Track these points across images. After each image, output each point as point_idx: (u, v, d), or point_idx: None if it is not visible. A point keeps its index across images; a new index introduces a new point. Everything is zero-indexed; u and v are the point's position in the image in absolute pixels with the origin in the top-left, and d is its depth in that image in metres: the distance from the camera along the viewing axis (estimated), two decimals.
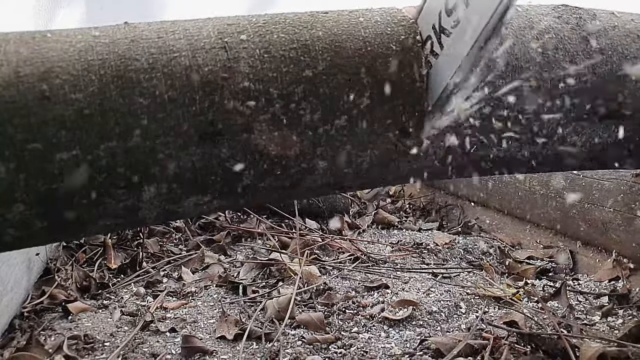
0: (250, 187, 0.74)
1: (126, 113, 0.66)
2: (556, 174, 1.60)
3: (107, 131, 0.66)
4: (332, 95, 0.72)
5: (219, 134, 0.69)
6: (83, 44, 0.68)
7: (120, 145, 0.67)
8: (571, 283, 1.45)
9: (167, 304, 1.32)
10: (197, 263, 1.61)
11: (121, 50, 0.68)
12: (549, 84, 0.79)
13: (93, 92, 0.66)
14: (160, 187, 0.70)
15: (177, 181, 0.71)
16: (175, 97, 0.68)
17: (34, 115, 0.64)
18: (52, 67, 0.65)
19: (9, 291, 1.11)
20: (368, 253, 1.63)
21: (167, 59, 0.69)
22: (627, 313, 1.24)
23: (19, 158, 0.64)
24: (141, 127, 0.67)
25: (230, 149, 0.70)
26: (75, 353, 1.07)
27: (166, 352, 1.08)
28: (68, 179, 0.66)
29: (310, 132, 0.72)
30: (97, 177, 0.67)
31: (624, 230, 1.36)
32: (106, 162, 0.67)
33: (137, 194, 0.70)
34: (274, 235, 1.74)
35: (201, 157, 0.70)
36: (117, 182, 0.68)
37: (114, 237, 1.72)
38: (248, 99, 0.69)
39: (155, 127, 0.67)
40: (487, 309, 1.26)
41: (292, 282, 1.39)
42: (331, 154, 0.74)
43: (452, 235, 1.86)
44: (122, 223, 0.75)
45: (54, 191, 0.66)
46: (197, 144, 0.69)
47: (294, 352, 1.08)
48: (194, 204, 0.74)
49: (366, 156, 0.76)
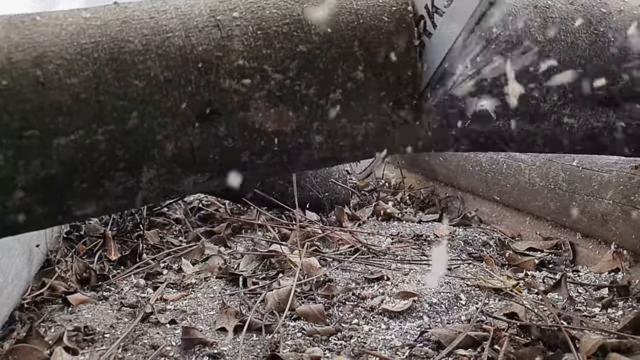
0: (248, 163, 0.75)
1: (123, 96, 0.66)
2: (556, 166, 1.59)
3: (104, 115, 0.66)
4: (326, 69, 0.72)
5: (216, 113, 0.69)
6: (74, 27, 0.67)
7: (118, 128, 0.67)
8: (571, 275, 1.45)
9: (167, 296, 1.32)
10: (197, 255, 1.61)
11: (113, 32, 0.68)
12: (546, 62, 0.79)
13: (88, 77, 0.65)
14: (160, 168, 0.70)
15: (176, 161, 0.71)
16: (170, 78, 0.68)
17: (29, 102, 0.63)
18: (45, 52, 0.65)
19: (9, 283, 1.11)
20: (368, 245, 1.63)
21: (160, 39, 0.68)
22: (627, 305, 1.24)
23: (16, 145, 0.63)
24: (138, 109, 0.67)
25: (227, 128, 0.70)
26: (75, 344, 1.07)
27: (166, 344, 1.09)
28: (67, 164, 0.66)
29: (306, 107, 0.72)
30: (96, 161, 0.67)
31: (623, 222, 1.36)
32: (105, 145, 0.67)
33: (137, 175, 0.70)
34: (274, 227, 1.74)
35: (199, 137, 0.70)
36: (116, 165, 0.68)
37: (114, 228, 1.72)
38: (243, 77, 0.69)
39: (152, 109, 0.67)
40: (487, 301, 1.26)
41: (292, 273, 1.39)
42: (327, 128, 0.74)
43: (452, 227, 1.86)
44: (123, 204, 0.75)
45: (53, 177, 0.66)
46: (194, 124, 0.69)
47: (294, 344, 1.08)
48: (193, 182, 0.75)
49: (362, 128, 0.76)
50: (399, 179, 2.51)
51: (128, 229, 1.74)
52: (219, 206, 2.11)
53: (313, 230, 1.71)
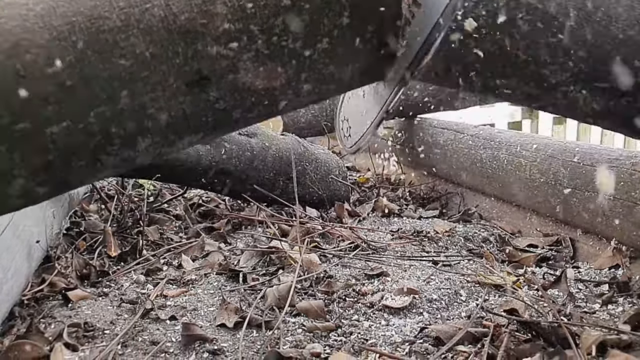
0: (240, 119, 0.75)
1: (110, 78, 0.65)
2: (557, 162, 1.59)
3: (93, 99, 0.65)
4: (312, 20, 0.70)
5: (205, 79, 0.68)
6: (42, 6, 0.64)
7: (109, 109, 0.66)
8: (571, 271, 1.45)
9: (167, 292, 1.32)
10: (197, 251, 1.61)
11: (87, 9, 0.65)
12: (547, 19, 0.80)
13: (71, 62, 0.63)
14: (154, 137, 0.71)
15: (170, 129, 0.71)
16: (157, 52, 0.66)
17: (14, 96, 0.62)
18: (18, 42, 0.62)
19: (9, 279, 1.11)
20: (368, 241, 1.63)
21: (139, 12, 0.65)
22: (627, 301, 1.24)
23: (9, 140, 0.63)
24: (127, 88, 0.66)
25: (218, 92, 0.70)
26: (75, 341, 1.07)
27: (166, 340, 1.09)
28: (63, 150, 0.66)
29: (294, 60, 0.71)
30: (92, 141, 0.67)
31: (624, 218, 1.36)
32: (98, 126, 0.66)
33: (133, 146, 0.70)
34: (274, 223, 1.74)
35: (191, 105, 0.70)
36: (112, 142, 0.68)
37: (113, 225, 1.72)
38: (230, 40, 0.68)
39: (141, 86, 0.66)
40: (487, 297, 1.26)
41: (292, 270, 1.39)
42: (315, 77, 0.74)
43: (452, 223, 1.86)
44: (119, 171, 0.76)
45: (51, 162, 0.66)
46: (185, 92, 0.68)
47: (294, 340, 1.08)
48: (188, 142, 0.75)
49: (349, 71, 0.76)
50: (399, 175, 2.51)
51: (128, 225, 1.74)
52: (219, 202, 2.11)
53: (313, 227, 1.71)
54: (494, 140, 1.92)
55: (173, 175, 1.76)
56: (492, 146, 1.91)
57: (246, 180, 1.82)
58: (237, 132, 1.81)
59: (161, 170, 1.70)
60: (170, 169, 1.70)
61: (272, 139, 1.88)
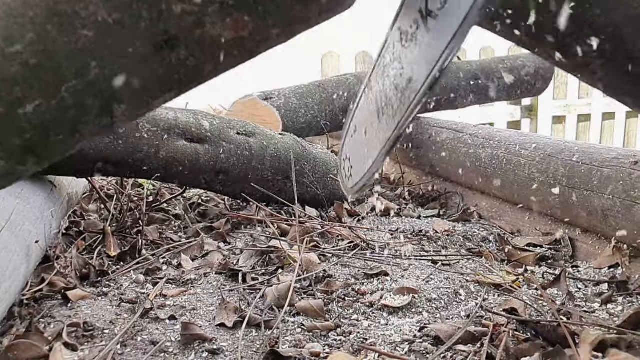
0: (212, 72, 0.74)
1: (75, 51, 0.64)
2: (556, 162, 1.59)
3: (62, 74, 0.64)
4: None
5: (174, 38, 0.67)
6: None
7: (80, 82, 0.65)
8: (571, 270, 1.45)
9: (167, 292, 1.32)
10: (197, 250, 1.61)
11: None
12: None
13: (32, 40, 0.62)
14: (130, 101, 0.70)
15: (144, 92, 0.70)
16: (120, 18, 0.64)
17: None
18: None
19: (7, 278, 1.11)
20: (368, 240, 1.63)
21: None
22: (626, 300, 1.24)
23: None
24: (95, 58, 0.65)
25: (187, 49, 0.69)
26: (74, 340, 1.07)
27: (166, 340, 1.09)
28: (40, 127, 0.65)
29: (260, 6, 0.70)
30: (67, 114, 0.66)
31: (623, 218, 1.36)
32: (72, 100, 0.66)
33: (109, 114, 0.70)
34: (274, 223, 1.74)
35: (162, 65, 0.69)
36: (88, 112, 0.68)
37: (113, 224, 1.72)
38: None
39: (109, 54, 0.65)
40: (486, 296, 1.26)
41: (291, 269, 1.39)
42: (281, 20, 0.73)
43: (452, 223, 1.86)
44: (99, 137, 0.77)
45: (29, 140, 0.66)
46: (155, 54, 0.67)
47: (294, 340, 1.08)
48: (162, 101, 0.75)
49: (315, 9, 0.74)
50: (399, 174, 2.50)
51: (127, 224, 1.74)
52: (218, 202, 2.11)
53: (312, 226, 1.71)
54: (494, 140, 1.92)
55: (172, 175, 1.76)
56: (492, 145, 1.91)
57: (245, 179, 1.82)
58: (235, 132, 1.81)
59: (160, 170, 1.70)
60: (170, 168, 1.70)
61: (271, 138, 1.88)
